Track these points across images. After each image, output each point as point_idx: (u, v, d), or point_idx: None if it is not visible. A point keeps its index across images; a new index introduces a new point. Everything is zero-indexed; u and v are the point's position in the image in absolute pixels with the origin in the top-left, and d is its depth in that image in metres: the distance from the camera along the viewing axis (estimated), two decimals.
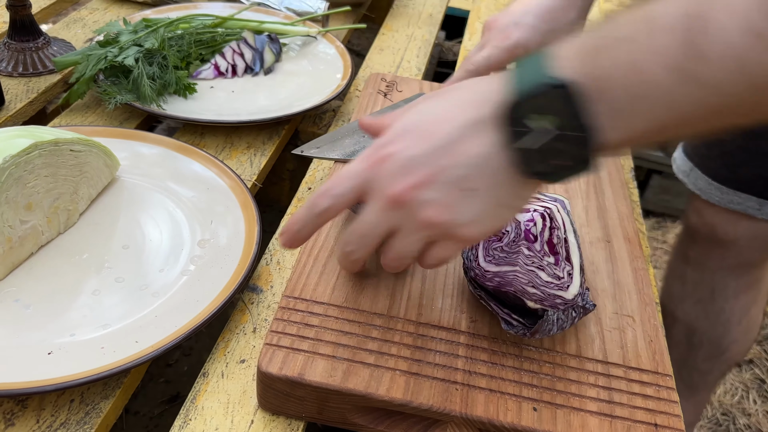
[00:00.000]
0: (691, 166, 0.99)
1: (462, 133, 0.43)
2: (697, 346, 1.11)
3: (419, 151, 0.44)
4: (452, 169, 0.43)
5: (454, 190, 0.43)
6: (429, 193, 0.43)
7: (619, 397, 0.51)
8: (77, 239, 0.63)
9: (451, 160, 0.43)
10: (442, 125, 0.44)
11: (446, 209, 0.44)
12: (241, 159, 0.79)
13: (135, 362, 0.51)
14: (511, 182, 0.43)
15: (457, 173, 0.43)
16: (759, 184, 0.92)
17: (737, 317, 1.07)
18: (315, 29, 1.02)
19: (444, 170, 0.43)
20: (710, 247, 1.03)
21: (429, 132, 0.44)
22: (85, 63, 0.82)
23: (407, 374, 0.50)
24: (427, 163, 0.43)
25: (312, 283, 0.56)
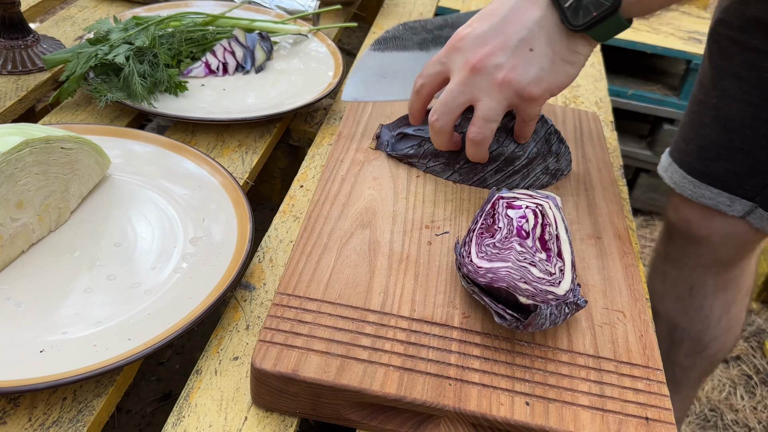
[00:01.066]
0: (670, 161, 1.01)
1: (519, 5, 0.57)
2: (678, 343, 1.12)
3: (487, 26, 0.58)
4: (515, 34, 0.56)
5: (518, 52, 0.56)
6: (499, 58, 0.57)
7: (611, 391, 0.51)
8: (69, 237, 0.63)
9: (513, 27, 0.57)
10: (503, 5, 0.58)
11: (514, 69, 0.57)
12: (232, 157, 0.79)
13: (127, 360, 0.51)
14: (561, 38, 0.57)
15: (519, 36, 0.56)
16: (730, 179, 0.92)
17: (717, 315, 1.08)
18: (306, 27, 1.02)
19: (509, 37, 0.56)
20: (686, 244, 1.04)
21: (493, 12, 0.58)
22: (75, 61, 0.81)
23: (401, 370, 0.50)
24: (495, 34, 0.57)
25: (305, 279, 0.56)
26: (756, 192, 0.91)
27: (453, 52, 0.60)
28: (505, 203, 0.58)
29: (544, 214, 0.57)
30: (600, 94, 1.05)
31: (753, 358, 1.72)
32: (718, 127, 0.91)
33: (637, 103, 2.12)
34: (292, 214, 0.72)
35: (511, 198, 0.59)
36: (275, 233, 0.69)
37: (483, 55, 0.57)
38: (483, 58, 0.57)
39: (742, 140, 0.89)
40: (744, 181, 0.91)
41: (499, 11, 0.58)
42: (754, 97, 0.86)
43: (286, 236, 0.69)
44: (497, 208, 0.58)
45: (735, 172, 0.91)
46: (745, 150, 0.89)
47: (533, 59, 0.57)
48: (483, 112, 0.59)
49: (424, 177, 0.71)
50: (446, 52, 0.61)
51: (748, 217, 0.93)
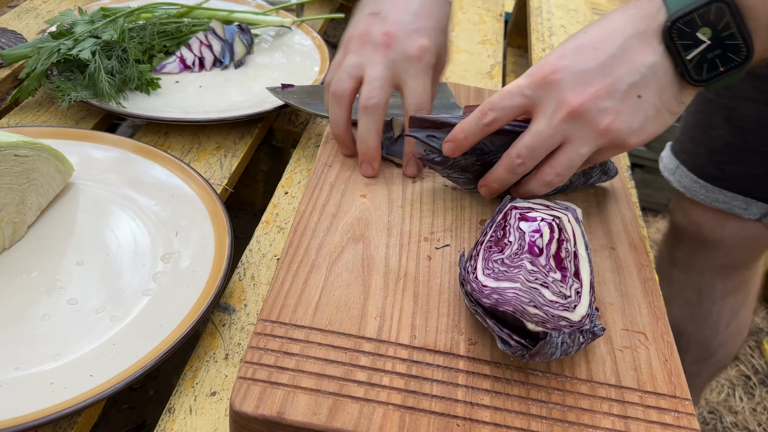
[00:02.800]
0: (677, 164, 0.96)
1: (632, 44, 0.49)
2: (684, 349, 1.08)
3: (593, 63, 0.49)
4: (625, 77, 0.48)
5: (626, 98, 0.49)
6: (606, 102, 0.49)
7: (636, 428, 0.46)
8: (25, 255, 0.56)
9: (625, 69, 0.49)
10: (611, 39, 0.49)
11: (621, 117, 0.49)
12: (210, 161, 0.72)
13: (89, 401, 0.44)
14: (672, 88, 0.50)
15: (630, 80, 0.49)
16: (746, 183, 0.88)
17: (726, 320, 1.04)
18: (289, 19, 0.95)
19: (619, 79, 0.49)
20: (696, 248, 1.00)
21: (598, 46, 0.49)
22: (36, 56, 0.74)
23: (401, 409, 0.44)
24: (602, 74, 0.49)
25: (291, 303, 0.50)
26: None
27: (545, 87, 0.50)
28: (519, 214, 0.52)
29: (561, 228, 0.51)
30: None
31: (751, 358, 1.68)
32: (731, 128, 0.86)
33: None
34: (276, 225, 0.65)
35: (526, 209, 0.53)
36: (257, 246, 0.62)
37: (587, 97, 0.49)
38: (587, 102, 0.49)
39: (759, 142, 0.84)
40: (761, 183, 0.86)
41: (605, 47, 0.49)
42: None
43: (269, 250, 0.62)
44: (509, 220, 0.52)
45: (751, 174, 0.86)
46: (762, 152, 0.84)
47: (639, 107, 0.49)
48: (571, 158, 0.51)
49: (421, 182, 0.64)
50: (535, 84, 0.50)
51: (765, 220, 0.88)
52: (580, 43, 0.50)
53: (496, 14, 1.20)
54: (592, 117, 0.49)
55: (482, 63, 1.02)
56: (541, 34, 1.14)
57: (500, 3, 1.26)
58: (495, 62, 1.03)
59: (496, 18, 1.19)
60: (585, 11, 1.26)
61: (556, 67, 0.49)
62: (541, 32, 1.14)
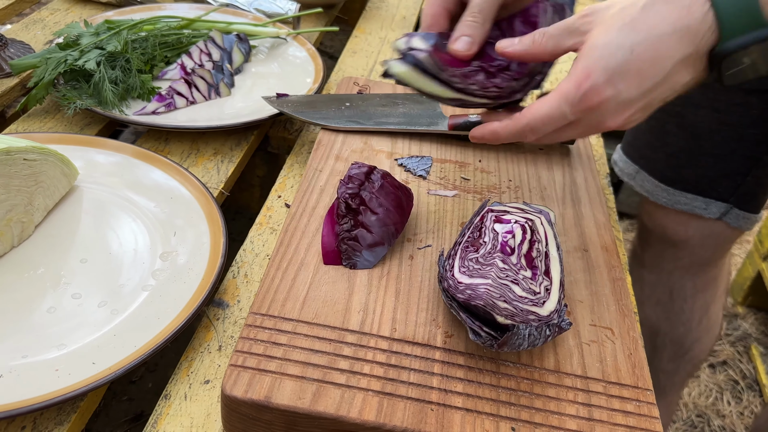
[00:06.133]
0: (637, 169, 0.99)
1: (677, 68, 0.49)
2: (660, 348, 1.11)
3: (636, 92, 0.49)
4: (661, 95, 0.50)
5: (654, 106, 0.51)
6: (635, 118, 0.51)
7: (599, 414, 0.49)
8: (32, 253, 0.60)
9: (662, 90, 0.49)
10: (659, 65, 0.48)
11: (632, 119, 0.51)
12: (207, 166, 0.76)
13: (92, 386, 0.48)
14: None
15: (663, 98, 0.50)
16: (703, 184, 0.92)
17: (698, 316, 1.07)
18: (285, 31, 0.99)
19: (653, 101, 0.50)
20: (663, 249, 1.03)
21: (645, 73, 0.49)
22: (44, 66, 0.78)
23: (380, 394, 0.47)
24: (641, 98, 0.49)
25: (280, 298, 0.53)
26: (730, 193, 0.91)
27: (589, 112, 0.50)
28: (494, 217, 0.56)
29: (534, 230, 0.54)
30: None
31: (739, 363, 1.71)
32: (684, 133, 0.90)
33: None
34: (269, 227, 0.69)
35: (501, 212, 0.56)
36: (251, 246, 0.66)
37: (622, 120, 0.51)
38: (620, 122, 0.51)
39: (711, 145, 0.88)
40: (717, 183, 0.90)
41: (652, 74, 0.48)
42: (720, 104, 0.86)
43: (262, 250, 0.66)
44: (485, 222, 0.56)
45: (707, 176, 0.90)
46: (715, 154, 0.88)
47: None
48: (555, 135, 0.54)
49: None
50: (579, 109, 0.50)
51: (725, 218, 0.92)
52: (628, 67, 0.48)
53: None
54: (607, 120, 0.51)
55: None
56: None
57: None
58: None
59: None
60: None
61: (603, 97, 0.49)
62: None
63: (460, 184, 0.70)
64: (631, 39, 0.48)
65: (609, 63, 0.49)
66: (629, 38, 0.49)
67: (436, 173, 0.71)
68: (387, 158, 0.73)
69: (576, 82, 0.49)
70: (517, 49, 0.54)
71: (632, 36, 0.49)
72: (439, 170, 0.72)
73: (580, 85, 0.49)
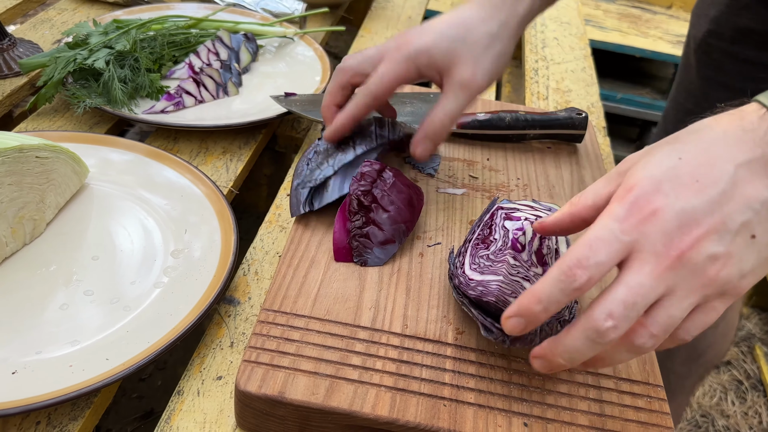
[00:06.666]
0: None
1: (742, 175, 0.40)
2: (674, 351, 1.11)
3: (698, 201, 0.39)
4: (737, 214, 0.39)
5: (738, 238, 0.40)
6: (714, 245, 0.39)
7: (611, 410, 0.49)
8: (44, 250, 0.60)
9: (735, 205, 0.39)
10: (718, 169, 0.40)
11: (732, 261, 0.40)
12: (216, 165, 0.76)
13: (105, 381, 0.48)
14: None
15: (741, 219, 0.39)
16: None
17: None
18: (292, 30, 0.99)
19: (728, 218, 0.39)
20: None
21: (702, 178, 0.40)
22: (53, 65, 0.78)
23: (393, 390, 0.48)
24: (710, 212, 0.39)
25: (292, 294, 0.54)
26: None
27: (645, 227, 0.39)
28: (504, 214, 0.56)
29: None
30: (592, 99, 1.04)
31: (744, 363, 1.71)
32: None
33: (626, 107, 2.11)
34: (279, 224, 0.69)
35: (511, 209, 0.57)
36: (261, 244, 0.66)
37: (695, 240, 0.39)
38: (695, 245, 0.39)
39: None
40: None
41: (712, 180, 0.40)
42: None
43: (272, 247, 0.66)
44: (495, 219, 0.56)
45: None
46: None
47: (752, 248, 0.40)
48: (671, 314, 0.40)
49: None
50: (632, 227, 0.40)
51: None
52: (677, 172, 0.40)
53: None
54: (701, 264, 0.39)
55: None
56: (535, 46, 1.18)
57: None
58: None
59: None
60: (578, 24, 1.30)
61: (655, 206, 0.40)
62: (535, 44, 1.19)
63: (469, 183, 0.71)
64: (677, 150, 0.42)
65: (654, 171, 0.41)
66: (675, 149, 0.42)
67: (445, 171, 0.72)
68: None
69: (619, 197, 0.41)
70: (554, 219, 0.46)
71: (678, 147, 0.42)
72: (448, 168, 0.72)
73: (623, 197, 0.41)
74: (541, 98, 1.01)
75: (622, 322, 0.39)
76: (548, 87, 1.05)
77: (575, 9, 1.36)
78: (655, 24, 2.22)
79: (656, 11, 2.35)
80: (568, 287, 0.39)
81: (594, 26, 2.12)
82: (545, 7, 0.67)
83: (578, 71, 1.12)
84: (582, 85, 1.08)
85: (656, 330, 0.40)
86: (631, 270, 0.39)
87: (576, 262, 0.39)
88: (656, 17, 2.29)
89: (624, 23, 2.19)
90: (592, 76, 1.11)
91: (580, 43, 1.22)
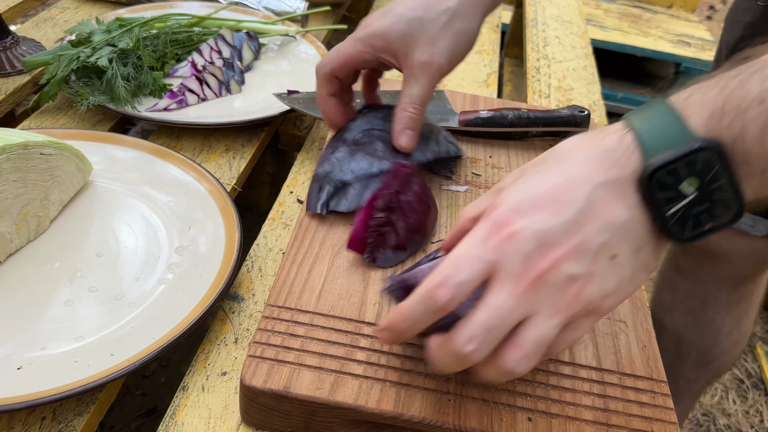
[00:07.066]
0: None
1: (601, 195, 0.39)
2: (684, 355, 1.10)
3: (555, 221, 0.39)
4: (596, 235, 0.39)
5: (598, 259, 0.39)
6: (573, 266, 0.39)
7: (615, 405, 0.49)
8: (48, 247, 0.60)
9: (594, 226, 0.39)
10: (575, 189, 0.39)
11: (593, 282, 0.39)
12: (219, 162, 0.76)
13: (111, 377, 0.48)
14: (649, 245, 0.41)
15: (600, 240, 0.39)
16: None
17: (727, 329, 1.05)
18: (294, 29, 1.00)
19: (587, 238, 0.39)
20: (702, 259, 1.01)
21: (560, 198, 0.39)
22: (57, 63, 0.78)
23: (398, 385, 0.48)
24: (567, 233, 0.39)
25: (296, 290, 0.54)
26: None
27: (504, 248, 0.39)
28: None
29: None
30: (593, 98, 1.04)
31: (744, 362, 1.71)
32: None
33: (627, 106, 2.11)
34: (282, 222, 0.69)
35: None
36: (264, 241, 0.67)
37: (553, 261, 0.39)
38: (553, 266, 0.39)
39: None
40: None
41: (569, 200, 0.39)
42: None
43: (275, 244, 0.66)
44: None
45: None
46: None
47: (613, 268, 0.40)
48: (539, 333, 0.39)
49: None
50: (493, 246, 0.39)
51: None
52: (537, 192, 0.40)
53: (493, 25, 1.25)
54: (560, 285, 0.39)
55: (479, 72, 1.06)
56: (536, 45, 1.18)
57: (497, 15, 1.30)
58: (491, 71, 1.07)
59: (493, 29, 1.23)
60: (579, 22, 1.30)
61: (514, 227, 0.39)
62: (536, 43, 1.19)
63: (472, 180, 0.71)
64: (540, 171, 0.42)
65: (517, 194, 0.41)
66: (539, 170, 0.42)
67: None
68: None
69: (485, 215, 0.41)
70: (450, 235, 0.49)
71: (542, 167, 0.42)
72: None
73: (487, 217, 0.41)
74: (543, 96, 1.02)
75: (483, 345, 0.39)
76: (550, 85, 1.05)
77: (576, 8, 1.37)
78: (656, 23, 2.22)
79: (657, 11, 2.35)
80: (430, 308, 0.40)
81: (595, 26, 2.12)
82: None
83: (580, 69, 1.12)
84: (584, 83, 1.08)
85: (525, 350, 0.39)
86: (492, 291, 0.39)
87: (439, 281, 0.39)
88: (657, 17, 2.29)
89: (625, 23, 2.19)
90: (593, 75, 1.11)
91: (582, 42, 1.22)
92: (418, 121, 0.62)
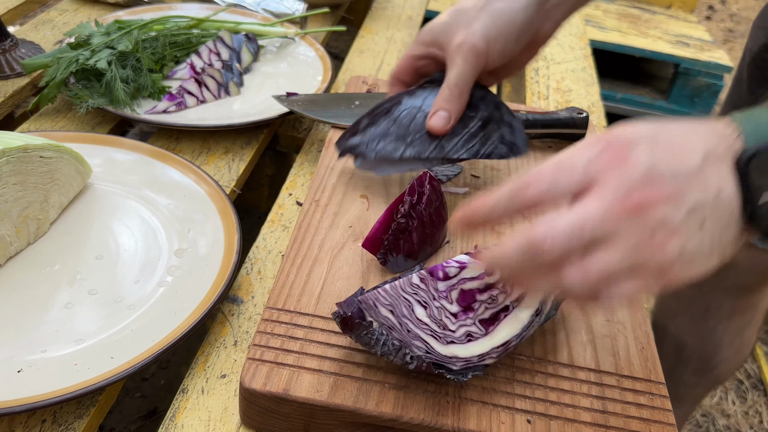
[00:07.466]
0: None
1: (709, 164, 0.41)
2: (685, 361, 1.09)
3: (668, 165, 0.40)
4: (695, 192, 0.40)
5: (690, 218, 0.40)
6: (669, 210, 0.39)
7: (613, 407, 0.50)
8: (48, 250, 0.60)
9: (696, 187, 0.40)
10: (690, 153, 0.41)
11: (678, 237, 0.39)
12: (218, 164, 0.76)
13: (111, 379, 0.48)
14: (734, 228, 0.41)
15: (697, 198, 0.40)
16: None
17: (729, 338, 1.05)
18: (293, 31, 1.00)
19: (689, 193, 0.40)
20: None
21: (677, 150, 0.41)
22: (56, 66, 0.79)
23: (397, 387, 0.48)
24: (675, 179, 0.40)
25: (296, 293, 0.54)
26: None
27: (610, 166, 0.40)
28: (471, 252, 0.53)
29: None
30: (592, 99, 1.04)
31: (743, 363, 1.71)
32: None
33: (626, 107, 2.12)
34: (281, 224, 0.69)
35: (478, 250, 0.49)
36: (263, 243, 0.67)
37: (651, 195, 0.39)
38: (649, 199, 0.39)
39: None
40: None
41: (684, 158, 0.40)
42: None
43: (274, 247, 0.66)
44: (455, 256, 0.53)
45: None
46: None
47: (700, 234, 0.40)
48: (608, 263, 0.39)
49: None
50: (602, 163, 0.40)
51: None
52: (658, 136, 0.41)
53: None
54: (651, 225, 0.39)
55: None
56: None
57: None
58: None
59: None
60: (578, 23, 1.30)
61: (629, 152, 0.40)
62: None
63: (471, 182, 0.71)
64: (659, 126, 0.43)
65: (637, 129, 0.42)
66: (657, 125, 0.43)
67: None
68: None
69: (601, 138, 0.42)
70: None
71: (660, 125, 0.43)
72: None
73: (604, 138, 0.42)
74: (541, 98, 1.02)
75: (557, 245, 0.39)
76: (549, 87, 1.05)
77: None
78: (655, 24, 2.23)
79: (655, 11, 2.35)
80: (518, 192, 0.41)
81: (594, 26, 2.13)
82: None
83: (578, 71, 1.12)
84: (582, 84, 1.08)
85: (587, 274, 0.39)
86: (586, 200, 0.39)
87: (538, 172, 0.41)
88: (656, 17, 2.29)
89: (623, 23, 2.19)
90: (592, 76, 1.11)
91: (580, 43, 1.23)
92: (452, 102, 0.62)
